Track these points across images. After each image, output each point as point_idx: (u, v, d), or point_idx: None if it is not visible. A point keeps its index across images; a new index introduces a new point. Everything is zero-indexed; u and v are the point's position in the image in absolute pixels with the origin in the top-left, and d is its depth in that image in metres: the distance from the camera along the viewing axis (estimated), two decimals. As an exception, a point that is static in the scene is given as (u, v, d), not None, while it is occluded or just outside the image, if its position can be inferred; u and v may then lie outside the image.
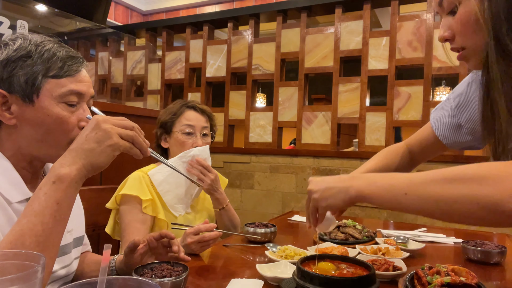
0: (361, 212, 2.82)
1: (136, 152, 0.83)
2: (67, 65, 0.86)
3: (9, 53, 0.83)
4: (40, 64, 0.84)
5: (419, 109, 2.73)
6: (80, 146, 0.78)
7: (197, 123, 1.60)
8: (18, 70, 0.83)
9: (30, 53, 0.84)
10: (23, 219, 0.72)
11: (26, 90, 0.83)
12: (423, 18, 2.74)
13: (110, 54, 3.92)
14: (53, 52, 0.85)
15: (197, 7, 5.53)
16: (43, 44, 0.86)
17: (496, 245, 1.27)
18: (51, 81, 0.84)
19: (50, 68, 0.84)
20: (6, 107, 0.84)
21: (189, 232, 1.23)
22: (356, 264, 0.98)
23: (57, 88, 0.85)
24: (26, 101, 0.84)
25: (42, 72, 0.84)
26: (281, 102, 3.21)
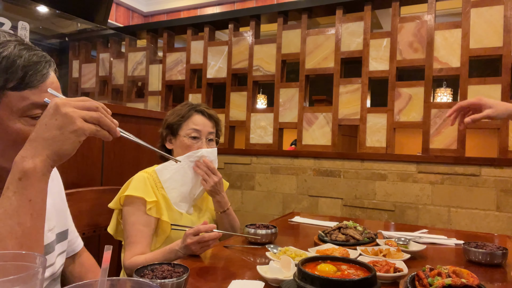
0: (362, 214, 2.81)
1: (105, 134, 0.74)
2: (29, 75, 0.75)
3: None
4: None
5: (420, 111, 2.73)
6: (40, 135, 0.70)
7: (204, 128, 1.61)
8: None
9: None
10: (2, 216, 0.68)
11: None
12: (424, 19, 2.74)
13: (111, 55, 3.92)
14: (13, 59, 0.74)
15: (198, 8, 5.53)
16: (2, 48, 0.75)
17: (497, 247, 1.27)
18: (10, 94, 0.74)
19: (8, 79, 0.74)
20: None
21: (189, 233, 1.22)
22: (357, 265, 0.98)
23: (18, 101, 0.75)
24: None
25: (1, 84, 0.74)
26: (282, 103, 3.21)
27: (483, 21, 2.58)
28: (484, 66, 4.07)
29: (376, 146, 2.85)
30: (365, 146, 2.88)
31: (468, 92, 2.60)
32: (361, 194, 2.82)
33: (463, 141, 2.61)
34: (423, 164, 2.63)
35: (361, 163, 2.82)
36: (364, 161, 2.81)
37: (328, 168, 2.93)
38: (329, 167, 2.93)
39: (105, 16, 3.51)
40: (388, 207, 2.72)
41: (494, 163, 2.46)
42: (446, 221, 2.55)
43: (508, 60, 2.51)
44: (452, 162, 2.55)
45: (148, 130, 2.39)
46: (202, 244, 1.22)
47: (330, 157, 2.93)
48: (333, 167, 2.91)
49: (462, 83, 2.63)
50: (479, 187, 2.48)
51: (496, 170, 2.45)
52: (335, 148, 2.97)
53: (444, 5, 3.18)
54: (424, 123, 2.71)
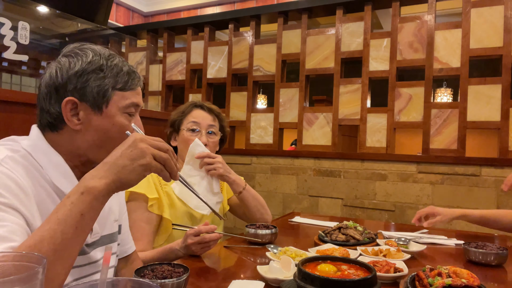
0: (362, 214, 2.81)
1: (166, 175, 0.84)
2: (131, 79, 0.94)
3: (83, 65, 0.89)
4: (111, 78, 0.91)
5: (420, 111, 2.73)
6: (114, 161, 0.79)
7: (203, 121, 1.64)
8: (91, 82, 0.89)
9: (102, 67, 0.90)
10: (46, 225, 0.73)
11: (97, 100, 0.89)
12: (424, 19, 2.74)
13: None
14: (120, 67, 0.93)
15: (198, 9, 5.53)
16: (111, 58, 0.93)
17: (498, 247, 1.27)
18: (118, 93, 0.92)
19: (118, 81, 0.92)
20: (74, 113, 0.89)
21: (189, 233, 1.23)
22: (357, 265, 0.98)
23: (123, 100, 0.92)
24: (95, 110, 0.90)
25: (112, 84, 0.91)
26: (282, 103, 3.21)
27: (483, 21, 2.58)
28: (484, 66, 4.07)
29: (376, 146, 2.85)
30: (365, 146, 2.88)
31: (468, 92, 2.60)
32: (361, 194, 2.82)
33: (463, 141, 2.61)
34: (423, 164, 2.63)
35: (361, 163, 2.82)
36: (364, 161, 2.81)
37: (328, 168, 2.93)
38: (329, 167, 2.93)
39: (105, 16, 3.52)
40: (388, 207, 2.72)
41: (494, 163, 2.46)
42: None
43: (508, 60, 2.51)
44: (452, 162, 2.55)
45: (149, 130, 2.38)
46: (202, 245, 1.22)
47: (330, 157, 2.93)
48: (333, 167, 2.91)
49: (462, 83, 2.63)
50: (479, 187, 2.48)
51: (496, 170, 2.45)
52: (335, 148, 2.97)
53: (444, 5, 3.18)
54: (424, 123, 2.71)
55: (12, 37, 2.22)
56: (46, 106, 0.90)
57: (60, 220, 0.73)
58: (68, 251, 0.74)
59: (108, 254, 0.60)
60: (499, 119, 2.52)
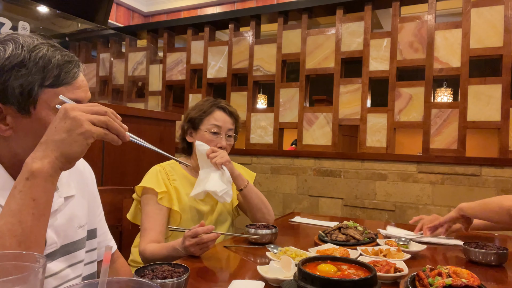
0: (362, 214, 2.81)
1: (113, 137, 0.76)
2: (64, 72, 0.81)
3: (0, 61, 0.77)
4: (36, 74, 0.78)
5: (420, 111, 2.73)
6: (50, 138, 0.73)
7: (224, 125, 1.66)
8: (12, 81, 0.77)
9: (24, 61, 0.77)
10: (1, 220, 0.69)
11: (22, 102, 0.78)
12: (424, 19, 2.74)
13: (111, 55, 3.92)
14: (48, 59, 0.80)
15: (198, 9, 5.53)
16: (37, 49, 0.80)
17: (498, 247, 1.27)
18: (47, 90, 0.80)
19: (46, 77, 0.79)
20: (0, 118, 0.80)
21: (187, 235, 1.22)
22: (358, 265, 0.98)
23: (54, 97, 0.80)
24: (23, 112, 0.79)
25: (38, 82, 0.78)
26: (282, 103, 3.21)
27: (483, 21, 2.58)
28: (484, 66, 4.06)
29: (376, 146, 2.84)
30: (365, 146, 2.88)
31: (468, 92, 2.60)
32: (362, 194, 2.81)
33: (463, 141, 2.61)
34: (423, 164, 2.63)
35: (361, 163, 2.82)
36: (365, 161, 2.81)
37: (329, 168, 2.93)
38: (330, 167, 2.93)
39: (105, 16, 3.52)
40: (389, 207, 2.72)
41: (495, 163, 2.46)
42: (446, 221, 2.55)
43: (508, 60, 2.51)
44: (453, 162, 2.55)
45: (149, 130, 2.39)
46: (201, 246, 1.22)
47: (330, 157, 2.93)
48: (333, 167, 2.91)
49: (462, 83, 2.62)
50: (480, 187, 2.47)
51: (496, 170, 2.44)
52: (335, 148, 2.97)
53: (444, 5, 3.18)
54: (425, 123, 2.71)
55: (12, 37, 2.22)
56: None
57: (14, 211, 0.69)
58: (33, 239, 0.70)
59: (108, 255, 0.60)
60: (499, 119, 2.52)
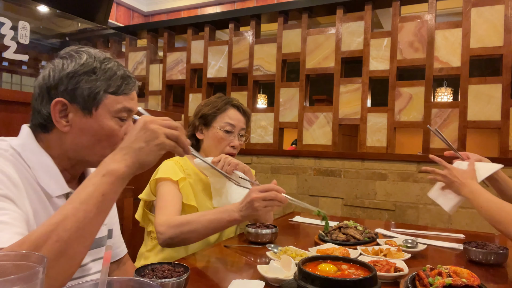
0: (362, 213, 2.81)
1: (180, 151, 0.87)
2: (125, 84, 0.94)
3: (75, 66, 0.90)
4: (103, 81, 0.91)
5: (421, 110, 2.73)
6: (129, 145, 0.82)
7: (238, 123, 1.62)
8: (83, 84, 0.89)
9: (95, 69, 0.91)
10: (68, 205, 0.75)
11: (87, 103, 0.90)
12: (424, 18, 2.74)
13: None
14: (114, 71, 0.93)
15: (198, 8, 5.53)
16: (106, 61, 0.94)
17: (498, 247, 1.27)
18: (110, 96, 0.92)
19: (110, 85, 0.92)
20: (63, 115, 0.90)
21: (255, 188, 1.21)
22: (358, 265, 0.98)
23: (114, 104, 0.92)
24: (85, 112, 0.90)
25: (104, 88, 0.91)
26: (282, 103, 3.21)
27: (483, 20, 2.58)
28: (484, 65, 4.07)
29: (376, 146, 2.84)
30: (365, 146, 2.88)
31: (468, 92, 2.60)
32: (362, 193, 2.81)
33: (463, 140, 2.60)
34: (423, 163, 2.63)
35: (361, 162, 2.82)
36: (365, 160, 2.81)
37: (329, 167, 2.93)
38: (330, 166, 2.92)
39: (106, 16, 3.51)
40: (389, 207, 2.72)
41: (495, 162, 2.45)
42: (446, 221, 2.55)
43: (509, 60, 2.50)
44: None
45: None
46: (267, 202, 1.20)
47: (330, 156, 2.93)
48: (333, 166, 2.91)
49: (462, 83, 2.62)
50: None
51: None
52: (335, 148, 2.97)
53: (444, 4, 3.18)
54: (425, 123, 2.70)
55: (12, 37, 2.22)
56: (37, 107, 0.91)
57: (82, 200, 0.75)
58: (89, 230, 0.76)
59: (108, 254, 0.60)
60: (500, 118, 2.52)
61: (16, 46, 2.22)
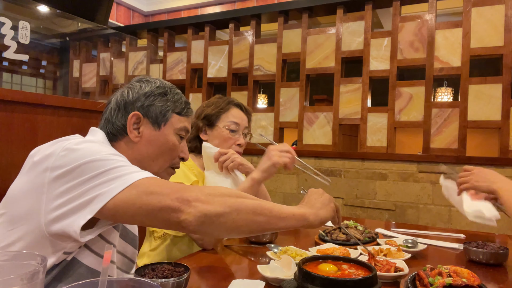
0: (363, 213, 2.81)
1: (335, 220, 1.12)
2: (186, 108, 1.10)
3: (152, 88, 1.06)
4: (172, 102, 1.06)
5: (421, 110, 2.73)
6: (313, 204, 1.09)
7: (242, 122, 1.65)
8: (157, 102, 1.04)
9: (166, 93, 1.07)
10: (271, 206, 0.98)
11: (158, 118, 1.04)
12: (424, 18, 2.74)
13: (111, 55, 3.92)
14: (179, 96, 1.10)
15: (199, 8, 5.53)
16: (174, 88, 1.11)
17: (498, 246, 1.27)
18: (175, 116, 1.06)
19: (177, 106, 1.07)
20: (136, 127, 1.03)
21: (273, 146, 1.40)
22: (358, 265, 0.98)
23: (178, 122, 1.07)
24: (155, 126, 1.04)
25: (172, 108, 1.06)
26: (283, 103, 3.21)
27: (484, 20, 2.58)
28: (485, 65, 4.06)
29: (376, 146, 2.84)
30: (365, 146, 2.88)
31: (469, 92, 2.60)
32: (362, 193, 2.81)
33: (464, 140, 2.60)
34: (423, 163, 2.63)
35: (361, 162, 2.82)
36: (365, 160, 2.81)
37: (329, 167, 2.93)
38: (330, 166, 2.92)
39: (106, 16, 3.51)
40: (389, 207, 2.72)
41: (495, 162, 2.46)
42: (446, 221, 2.55)
43: (509, 60, 2.50)
44: (453, 161, 2.55)
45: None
46: (282, 154, 1.37)
47: (330, 156, 2.93)
48: (333, 166, 2.91)
49: (463, 83, 2.62)
50: (480, 187, 2.47)
51: (497, 170, 2.43)
52: (335, 148, 2.97)
53: (445, 4, 3.18)
54: (425, 123, 2.70)
55: (13, 37, 2.22)
56: (111, 119, 1.03)
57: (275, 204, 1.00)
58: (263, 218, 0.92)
59: (108, 254, 0.60)
60: (500, 118, 2.52)
61: (16, 46, 2.22)
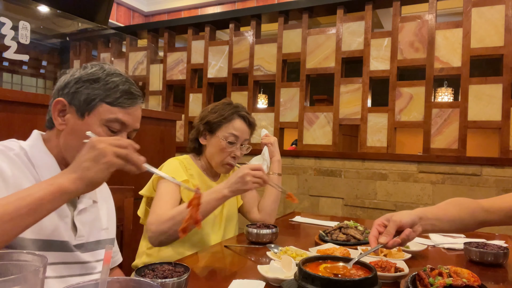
0: (363, 213, 2.81)
1: (131, 168, 0.87)
2: (124, 98, 0.99)
3: (82, 74, 0.99)
4: (102, 90, 0.97)
5: (421, 110, 2.72)
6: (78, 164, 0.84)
7: (242, 135, 1.62)
8: (83, 89, 0.97)
9: (99, 80, 0.98)
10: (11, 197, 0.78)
11: (82, 106, 0.97)
12: (425, 18, 2.74)
13: (112, 55, 3.92)
14: (117, 84, 0.99)
15: (199, 8, 5.53)
16: (113, 76, 1.00)
17: (498, 246, 1.27)
18: (104, 106, 0.97)
19: (109, 95, 0.98)
20: (62, 114, 0.98)
21: (245, 166, 1.33)
22: (358, 265, 0.97)
23: (107, 113, 0.97)
24: (79, 115, 0.97)
25: (101, 97, 0.97)
26: (283, 103, 3.21)
27: (484, 20, 2.58)
28: (485, 65, 4.06)
29: (377, 146, 2.84)
30: (366, 146, 2.88)
31: (469, 92, 2.60)
32: (362, 194, 2.81)
33: (464, 140, 2.60)
34: (424, 163, 2.63)
35: (362, 162, 2.82)
36: (365, 160, 2.81)
37: (329, 167, 2.93)
38: (330, 166, 2.92)
39: (106, 16, 3.51)
40: (389, 207, 2.72)
41: (495, 163, 2.46)
42: (447, 221, 2.55)
43: (509, 60, 2.50)
44: (453, 161, 2.55)
45: (149, 130, 2.39)
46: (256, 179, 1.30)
47: (331, 156, 2.93)
48: (334, 166, 2.91)
49: (463, 83, 2.62)
50: (480, 187, 2.47)
51: (497, 170, 2.44)
52: (336, 148, 2.97)
53: (445, 4, 3.18)
54: (425, 123, 2.70)
55: (13, 37, 2.22)
56: (49, 106, 1.00)
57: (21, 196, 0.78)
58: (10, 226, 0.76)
59: (108, 254, 0.60)
60: (500, 118, 2.52)
61: (16, 46, 2.23)
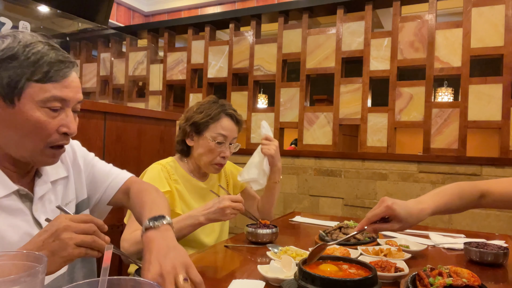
0: (363, 213, 2.81)
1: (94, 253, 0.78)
2: (54, 70, 0.83)
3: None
4: (25, 67, 0.81)
5: (421, 110, 2.72)
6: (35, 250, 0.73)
7: (230, 134, 1.58)
8: (1, 71, 0.80)
9: (16, 55, 0.81)
10: None
11: (7, 92, 0.81)
12: (425, 18, 2.74)
13: (112, 55, 3.92)
14: (40, 56, 0.82)
15: (199, 8, 5.53)
16: (32, 46, 0.82)
17: (498, 246, 1.27)
18: (34, 85, 0.81)
19: (35, 72, 0.81)
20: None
21: (227, 197, 1.31)
22: (358, 265, 0.97)
23: (40, 92, 0.82)
24: (7, 103, 0.81)
25: (26, 75, 0.81)
26: (283, 103, 3.21)
27: (484, 20, 2.58)
28: (485, 65, 4.06)
29: (377, 146, 2.84)
30: (366, 146, 2.88)
31: (469, 92, 2.60)
32: (362, 193, 2.81)
33: (464, 140, 2.60)
34: (424, 163, 2.63)
35: (362, 162, 2.82)
36: (365, 160, 2.81)
37: (329, 167, 2.93)
38: (330, 166, 2.92)
39: (106, 16, 3.51)
40: (389, 207, 2.71)
41: (495, 162, 2.46)
42: (447, 221, 2.55)
43: (509, 60, 2.50)
44: (453, 161, 2.55)
45: (149, 130, 2.39)
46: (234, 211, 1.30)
47: (331, 156, 2.93)
48: (334, 166, 2.91)
49: (463, 83, 2.62)
50: (480, 187, 2.47)
51: (497, 170, 2.44)
52: (336, 148, 2.97)
53: (445, 4, 3.17)
54: (425, 123, 2.70)
55: (13, 37, 2.22)
56: None
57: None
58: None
59: (108, 254, 0.60)
60: (500, 118, 2.52)
61: (16, 46, 2.22)
